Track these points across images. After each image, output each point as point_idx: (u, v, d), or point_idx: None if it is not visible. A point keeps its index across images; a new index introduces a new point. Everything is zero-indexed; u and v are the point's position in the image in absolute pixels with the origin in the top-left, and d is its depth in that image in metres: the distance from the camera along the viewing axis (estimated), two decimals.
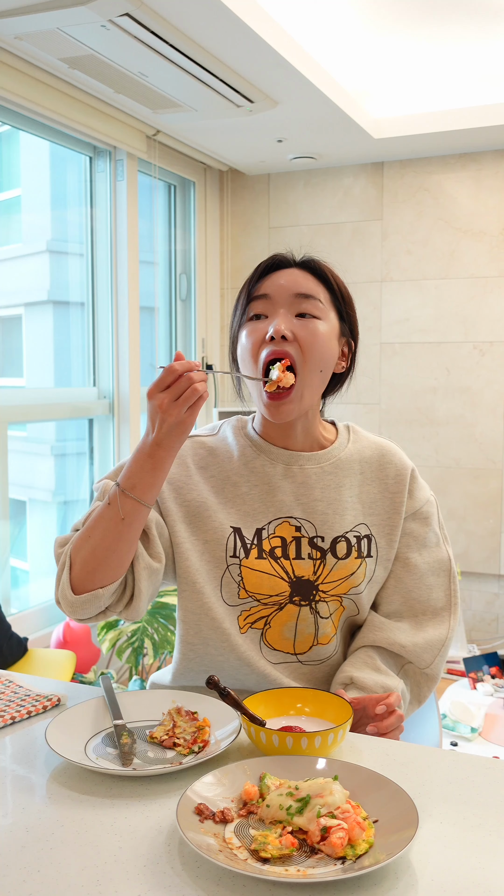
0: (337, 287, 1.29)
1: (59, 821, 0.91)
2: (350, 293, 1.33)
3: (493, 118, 3.38)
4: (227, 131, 3.44)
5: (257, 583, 1.26)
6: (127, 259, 3.45)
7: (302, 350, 1.23)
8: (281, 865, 0.83)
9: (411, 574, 1.33)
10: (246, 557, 1.26)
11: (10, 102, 2.84)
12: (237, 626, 1.28)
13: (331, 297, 1.28)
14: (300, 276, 1.26)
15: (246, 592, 1.26)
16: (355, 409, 4.00)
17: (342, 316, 1.31)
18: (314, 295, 1.25)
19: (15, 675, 1.35)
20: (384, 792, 0.92)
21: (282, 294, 1.24)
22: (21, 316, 3.44)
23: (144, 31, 2.42)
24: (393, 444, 1.39)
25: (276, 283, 1.25)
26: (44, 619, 3.21)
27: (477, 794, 0.98)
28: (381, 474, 1.33)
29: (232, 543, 1.26)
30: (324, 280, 1.28)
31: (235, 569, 1.26)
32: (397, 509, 1.32)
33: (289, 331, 1.22)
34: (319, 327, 1.25)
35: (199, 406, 1.11)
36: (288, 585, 1.26)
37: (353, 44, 3.06)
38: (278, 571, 1.26)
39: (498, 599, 3.91)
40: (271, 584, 1.26)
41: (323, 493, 1.29)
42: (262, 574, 1.26)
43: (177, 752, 1.08)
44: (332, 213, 4.04)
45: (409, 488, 1.34)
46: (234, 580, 1.26)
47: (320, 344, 1.24)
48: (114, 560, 1.18)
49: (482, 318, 3.81)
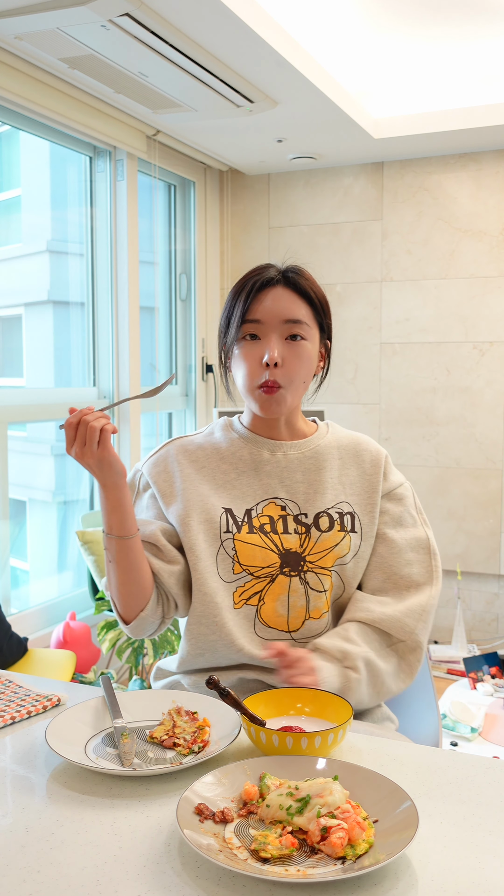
0: (318, 301, 1.42)
1: (59, 821, 0.92)
2: (326, 297, 1.46)
3: (493, 118, 3.38)
4: (227, 131, 3.44)
5: (250, 555, 1.37)
6: (127, 259, 3.45)
7: (288, 373, 1.38)
8: (281, 865, 0.83)
9: (390, 549, 1.42)
10: (238, 532, 1.38)
11: (10, 102, 2.84)
12: (231, 601, 1.37)
13: (313, 314, 1.41)
14: (286, 298, 1.39)
15: (240, 566, 1.37)
16: (355, 409, 4.00)
17: (321, 326, 1.44)
18: (301, 319, 1.39)
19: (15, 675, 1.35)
20: (384, 792, 0.92)
21: (272, 320, 1.38)
22: (21, 316, 3.44)
23: (144, 31, 2.42)
24: (367, 436, 1.53)
25: (268, 307, 1.38)
26: (44, 619, 3.21)
27: (477, 794, 0.98)
28: (358, 459, 1.46)
29: (224, 521, 1.39)
30: (306, 297, 1.41)
31: (229, 543, 1.38)
32: (375, 488, 1.44)
33: (281, 357, 1.37)
34: (305, 348, 1.40)
35: (106, 438, 1.26)
36: (278, 557, 1.38)
37: (354, 44, 3.06)
38: (268, 544, 1.38)
39: (498, 599, 3.91)
40: (263, 556, 1.38)
41: (304, 475, 1.43)
42: (254, 547, 1.38)
43: (177, 752, 1.08)
44: (332, 213, 4.04)
45: (384, 471, 1.46)
46: (228, 555, 1.38)
47: (305, 364, 1.40)
48: (135, 588, 1.35)
49: (482, 318, 3.81)
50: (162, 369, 3.99)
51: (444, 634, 3.98)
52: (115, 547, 1.33)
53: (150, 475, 1.46)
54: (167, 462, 1.46)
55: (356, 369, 4.00)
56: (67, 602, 3.35)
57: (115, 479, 1.29)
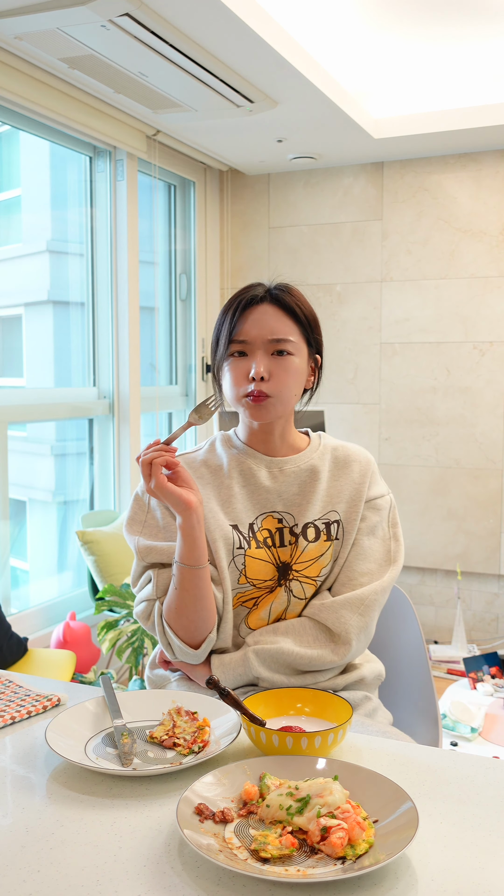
0: (305, 319, 1.45)
1: (59, 821, 0.92)
2: (315, 315, 1.49)
3: (493, 118, 3.38)
4: (227, 131, 3.44)
5: (256, 569, 1.44)
6: (127, 259, 3.45)
7: (277, 385, 1.42)
8: (281, 865, 0.83)
9: (356, 555, 1.47)
10: (249, 548, 1.43)
11: (10, 102, 2.84)
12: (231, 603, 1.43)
13: (300, 331, 1.45)
14: (272, 316, 1.43)
15: (245, 579, 1.43)
16: (355, 409, 4.00)
17: (310, 342, 1.47)
18: (286, 337, 1.42)
19: (15, 675, 1.35)
20: (384, 792, 0.92)
21: (258, 339, 1.42)
22: (21, 316, 3.44)
23: (144, 31, 2.42)
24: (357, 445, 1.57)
25: (253, 327, 1.42)
26: (44, 619, 3.21)
27: (477, 794, 0.98)
28: (348, 469, 1.51)
29: (235, 538, 1.43)
30: (292, 314, 1.44)
31: (240, 559, 1.43)
32: (361, 495, 1.49)
33: (266, 372, 1.41)
34: (292, 363, 1.43)
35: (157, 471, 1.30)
36: (275, 570, 1.45)
37: (354, 44, 3.06)
38: (270, 558, 1.45)
39: (498, 599, 3.91)
40: (266, 570, 1.44)
41: (300, 488, 1.48)
42: (260, 562, 1.44)
43: (177, 752, 1.08)
44: (332, 213, 4.04)
45: (371, 480, 1.51)
46: (237, 569, 1.43)
47: (292, 377, 1.44)
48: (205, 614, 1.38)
49: (482, 318, 3.81)
50: (162, 369, 3.99)
51: (444, 634, 3.98)
52: (185, 576, 1.35)
53: None
54: None
55: (356, 369, 4.00)
56: (67, 602, 3.35)
57: (180, 511, 1.32)
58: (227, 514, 1.45)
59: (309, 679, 1.40)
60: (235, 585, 1.43)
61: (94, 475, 3.58)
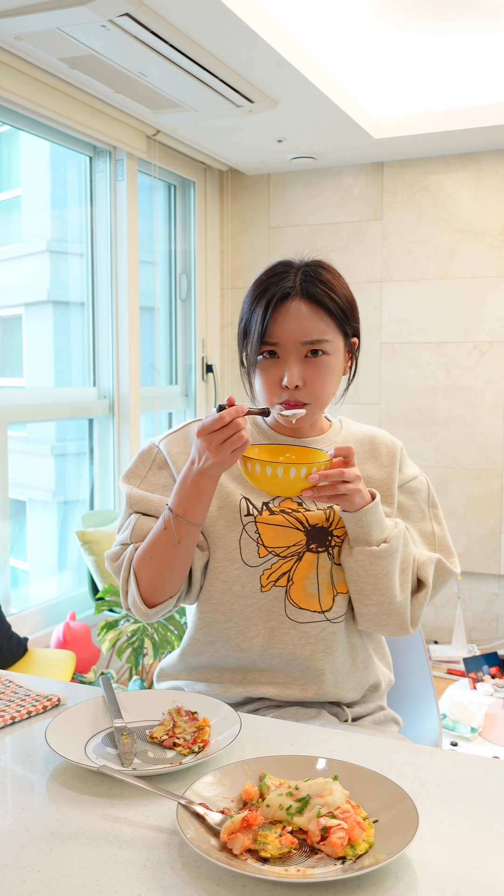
0: (340, 311, 1.34)
1: (59, 821, 0.91)
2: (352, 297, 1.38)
3: (493, 118, 3.38)
4: (227, 131, 3.44)
5: (275, 536, 1.34)
6: (127, 259, 3.45)
7: (312, 391, 1.33)
8: (281, 865, 0.83)
9: None
10: (260, 514, 1.35)
11: (10, 102, 2.84)
12: (259, 584, 1.34)
13: (336, 325, 1.34)
14: (305, 315, 1.31)
15: (266, 549, 1.33)
16: (355, 409, 4.00)
17: (346, 332, 1.37)
18: (321, 337, 1.32)
19: (15, 675, 1.35)
20: (384, 792, 0.92)
21: (290, 342, 1.32)
22: (21, 316, 3.44)
23: (144, 31, 2.42)
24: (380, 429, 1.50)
25: (284, 328, 1.31)
26: (44, 619, 3.21)
27: (477, 794, 0.98)
28: (375, 454, 1.43)
29: (244, 505, 1.35)
30: (328, 310, 1.33)
31: (252, 527, 1.34)
32: (392, 480, 1.42)
33: (300, 379, 1.31)
34: (328, 364, 1.34)
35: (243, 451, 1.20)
36: (304, 534, 1.34)
37: (354, 44, 3.06)
38: (293, 522, 1.34)
39: (498, 599, 3.91)
40: (288, 536, 1.34)
41: None
42: (278, 527, 1.34)
43: (177, 752, 1.08)
44: (331, 213, 4.04)
45: (400, 463, 1.44)
46: (252, 539, 1.34)
47: (329, 380, 1.35)
48: (176, 575, 1.31)
49: (482, 318, 3.81)
50: (162, 369, 3.99)
51: (444, 634, 3.98)
52: (183, 532, 1.27)
53: (168, 452, 1.40)
54: (187, 443, 1.41)
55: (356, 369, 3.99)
56: (67, 602, 3.35)
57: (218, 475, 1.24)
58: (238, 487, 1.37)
59: None
60: (257, 561, 1.33)
61: (94, 475, 3.58)
